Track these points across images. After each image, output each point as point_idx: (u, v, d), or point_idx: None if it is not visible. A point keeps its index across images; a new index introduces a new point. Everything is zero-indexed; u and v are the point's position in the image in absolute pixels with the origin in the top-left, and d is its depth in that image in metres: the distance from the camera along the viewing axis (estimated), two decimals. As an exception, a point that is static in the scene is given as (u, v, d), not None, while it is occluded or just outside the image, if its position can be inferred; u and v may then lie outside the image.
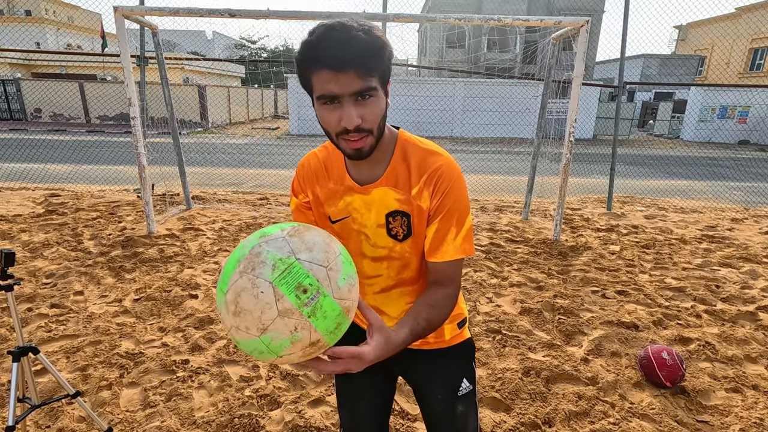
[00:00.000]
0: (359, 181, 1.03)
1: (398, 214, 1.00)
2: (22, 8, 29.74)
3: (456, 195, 0.97)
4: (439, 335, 1.15)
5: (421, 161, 0.98)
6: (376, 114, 0.88)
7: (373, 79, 0.84)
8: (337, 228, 1.08)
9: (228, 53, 39.03)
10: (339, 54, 0.80)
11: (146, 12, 4.46)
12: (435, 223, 0.98)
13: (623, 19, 6.02)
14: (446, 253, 0.98)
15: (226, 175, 8.70)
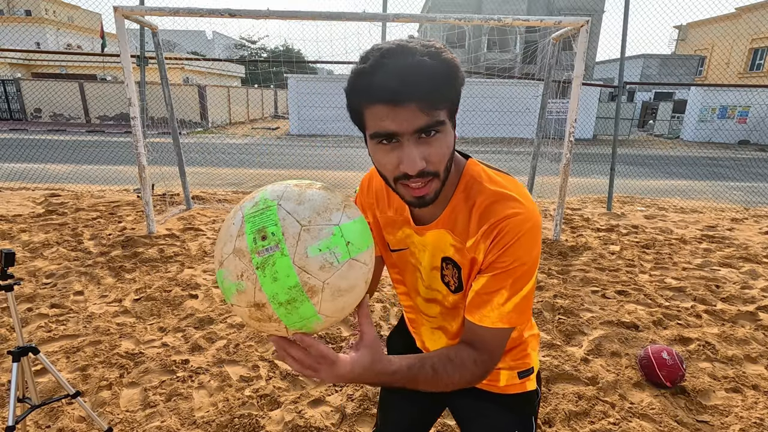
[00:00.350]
0: (416, 218, 0.91)
1: (450, 263, 0.87)
2: (22, 8, 29.74)
3: (518, 254, 0.78)
4: (492, 378, 1.01)
5: (485, 208, 0.80)
6: (444, 153, 0.73)
7: (440, 112, 0.69)
8: (395, 257, 0.98)
9: (228, 53, 39.04)
10: (397, 87, 0.66)
11: (146, 12, 4.46)
12: (484, 277, 0.81)
13: (623, 19, 6.02)
14: (486, 317, 0.81)
15: (226, 175, 8.70)
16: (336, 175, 8.97)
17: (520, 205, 0.79)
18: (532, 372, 1.04)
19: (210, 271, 3.76)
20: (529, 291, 0.80)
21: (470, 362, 0.81)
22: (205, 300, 3.26)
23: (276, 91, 30.51)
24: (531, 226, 0.78)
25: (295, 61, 9.03)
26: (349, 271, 0.67)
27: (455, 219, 0.84)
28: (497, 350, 0.84)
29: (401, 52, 0.67)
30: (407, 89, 0.66)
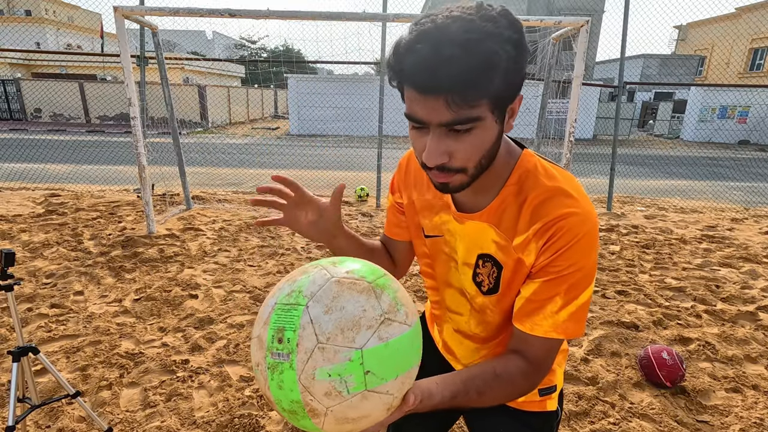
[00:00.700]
0: (457, 204, 0.83)
1: (490, 260, 0.79)
2: (22, 8, 29.74)
3: (575, 259, 0.70)
4: None
5: (539, 204, 0.73)
6: (475, 150, 0.67)
7: (475, 108, 0.62)
8: (428, 244, 0.92)
9: (228, 53, 39.04)
10: (423, 77, 0.61)
11: (146, 12, 4.46)
12: (535, 283, 0.74)
13: (623, 19, 6.02)
14: (539, 326, 0.74)
15: (226, 175, 8.70)
16: (336, 175, 8.97)
17: (578, 203, 0.71)
18: (554, 390, 0.97)
19: (210, 271, 3.76)
20: (586, 300, 0.73)
21: (519, 376, 0.76)
22: (205, 300, 3.26)
23: (276, 91, 30.52)
24: (590, 228, 0.71)
25: (295, 61, 9.03)
26: (362, 403, 0.58)
27: (502, 213, 0.77)
28: (547, 362, 0.78)
29: (437, 37, 0.59)
30: (434, 83, 0.60)
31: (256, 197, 0.89)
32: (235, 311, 3.11)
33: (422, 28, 0.61)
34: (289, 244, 4.48)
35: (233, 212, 5.64)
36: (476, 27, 0.60)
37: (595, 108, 18.83)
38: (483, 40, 0.59)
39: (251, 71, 16.01)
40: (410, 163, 0.95)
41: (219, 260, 4.01)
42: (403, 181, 0.95)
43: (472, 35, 0.59)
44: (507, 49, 0.60)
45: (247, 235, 4.72)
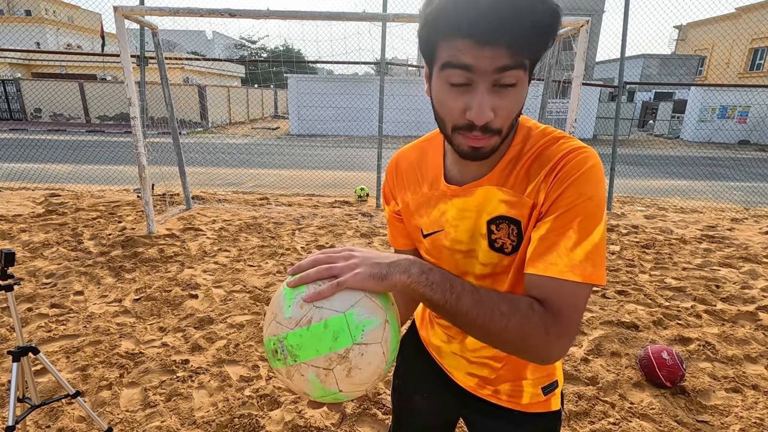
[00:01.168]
0: (459, 180, 0.80)
1: (504, 221, 0.75)
2: (22, 8, 29.75)
3: (583, 189, 0.67)
4: (514, 395, 0.90)
5: (543, 150, 0.73)
6: (514, 107, 0.66)
7: (527, 60, 0.62)
8: (427, 243, 0.88)
9: (228, 53, 39.06)
10: (491, 24, 0.57)
11: (146, 12, 4.46)
12: (547, 222, 0.68)
13: (623, 19, 6.02)
14: (553, 265, 0.66)
15: (226, 175, 8.70)
16: (336, 175, 8.97)
17: (578, 144, 0.71)
18: (557, 386, 0.92)
19: (210, 271, 3.76)
20: (600, 238, 0.66)
21: (526, 305, 0.65)
22: (205, 300, 3.26)
23: (276, 91, 30.53)
24: (595, 162, 0.69)
25: (295, 61, 9.02)
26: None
27: (509, 173, 0.75)
28: (569, 312, 0.65)
29: None
30: (502, 29, 0.57)
31: None
32: (235, 311, 3.11)
33: None
34: (289, 244, 4.48)
35: (233, 212, 5.64)
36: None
37: (595, 108, 18.84)
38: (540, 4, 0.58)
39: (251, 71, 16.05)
40: (399, 164, 0.93)
41: (219, 260, 4.01)
42: (395, 185, 0.92)
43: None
44: (561, 12, 0.61)
45: (247, 235, 4.72)
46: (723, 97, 19.19)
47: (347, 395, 0.68)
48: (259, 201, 6.36)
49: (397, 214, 0.95)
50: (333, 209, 6.03)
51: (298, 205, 6.23)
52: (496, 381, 0.91)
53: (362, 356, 0.64)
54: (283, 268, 3.87)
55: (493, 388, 0.92)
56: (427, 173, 0.86)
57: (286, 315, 0.66)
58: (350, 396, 0.69)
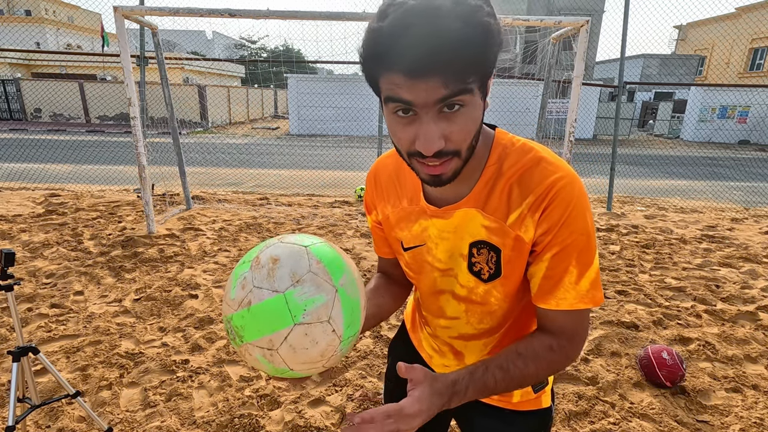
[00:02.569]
0: (438, 201, 0.79)
1: (485, 247, 0.76)
2: (22, 8, 29.74)
3: (576, 225, 0.69)
4: (504, 395, 0.92)
5: (524, 175, 0.71)
6: (468, 130, 0.64)
7: (468, 82, 0.59)
8: (408, 257, 0.87)
9: (228, 53, 39.05)
10: (419, 57, 0.56)
11: (146, 12, 4.46)
12: (545, 260, 0.72)
13: (623, 19, 6.02)
14: (564, 300, 0.72)
15: (226, 175, 8.70)
16: (336, 175, 8.97)
17: (560, 168, 0.70)
18: (546, 384, 0.93)
19: (210, 271, 3.76)
20: (597, 263, 0.73)
21: (545, 350, 0.74)
22: (205, 300, 3.26)
23: (276, 91, 30.53)
24: (579, 189, 0.70)
25: (295, 61, 9.04)
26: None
27: (488, 195, 0.74)
28: (581, 334, 0.76)
29: (426, 11, 0.55)
30: (431, 61, 0.56)
31: None
32: (235, 311, 3.11)
33: (404, 7, 0.56)
34: (289, 244, 4.47)
35: (233, 212, 5.64)
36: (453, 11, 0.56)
37: (595, 108, 18.84)
38: (475, 10, 0.57)
39: (251, 71, 16.05)
40: (378, 175, 0.90)
41: (219, 260, 4.01)
42: (376, 196, 0.91)
43: (465, 6, 0.56)
44: (495, 21, 0.59)
45: (247, 235, 4.72)
46: (723, 97, 19.19)
47: (302, 373, 0.68)
48: (259, 201, 6.36)
49: (378, 224, 0.93)
50: (333, 209, 6.03)
51: (298, 205, 6.23)
52: None
53: (306, 335, 0.63)
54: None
55: None
56: (406, 187, 0.84)
57: (231, 296, 0.66)
58: (307, 373, 0.69)
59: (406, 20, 0.56)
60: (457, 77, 0.58)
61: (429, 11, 0.55)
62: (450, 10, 0.56)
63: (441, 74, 0.57)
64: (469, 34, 0.56)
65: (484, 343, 0.89)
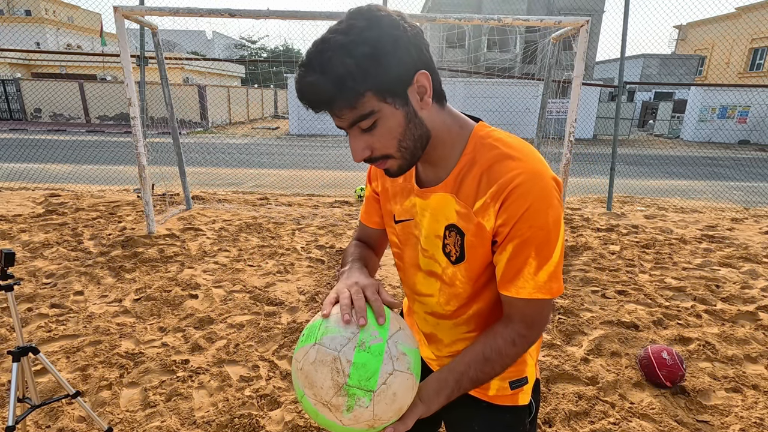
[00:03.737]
0: (421, 182, 0.88)
1: (454, 230, 0.82)
2: (22, 8, 29.74)
3: (534, 220, 0.73)
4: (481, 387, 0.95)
5: (489, 167, 0.77)
6: (388, 137, 0.73)
7: (360, 108, 0.69)
8: (398, 229, 0.95)
9: (228, 53, 39.05)
10: (305, 101, 0.71)
11: (146, 12, 4.46)
12: (508, 250, 0.77)
13: (623, 19, 6.02)
14: (522, 289, 0.78)
15: (226, 175, 8.70)
16: (336, 175, 8.97)
17: (524, 165, 0.74)
18: (525, 383, 0.96)
19: (210, 271, 3.76)
20: (560, 256, 0.77)
21: (508, 346, 0.81)
22: (205, 300, 3.26)
23: (276, 91, 30.53)
24: (541, 186, 0.73)
25: (295, 61, 9.02)
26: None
27: (461, 182, 0.80)
28: (540, 322, 0.82)
29: (307, 64, 0.68)
30: (312, 105, 0.70)
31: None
32: (235, 311, 3.11)
33: (304, 57, 0.70)
34: (289, 244, 4.48)
35: (233, 212, 5.64)
36: (330, 45, 0.67)
37: (595, 108, 18.84)
38: (333, 56, 0.66)
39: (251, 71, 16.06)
40: None
41: (219, 260, 4.01)
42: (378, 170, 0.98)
43: (325, 55, 0.67)
44: (361, 52, 0.66)
45: (247, 235, 4.72)
46: (723, 97, 19.18)
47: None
48: (259, 201, 6.36)
49: (377, 194, 1.01)
50: (333, 209, 6.03)
51: (298, 205, 6.23)
52: None
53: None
54: (283, 268, 3.87)
55: None
56: None
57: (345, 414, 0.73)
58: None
59: (300, 68, 0.70)
60: (343, 109, 0.69)
61: (309, 64, 0.68)
62: (315, 61, 0.68)
63: (330, 111, 0.71)
64: (325, 83, 0.67)
65: (454, 323, 0.94)
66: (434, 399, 0.81)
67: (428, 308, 0.96)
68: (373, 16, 0.68)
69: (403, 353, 0.73)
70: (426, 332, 1.01)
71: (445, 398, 0.82)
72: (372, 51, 0.66)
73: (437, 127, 0.78)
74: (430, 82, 0.73)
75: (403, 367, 0.72)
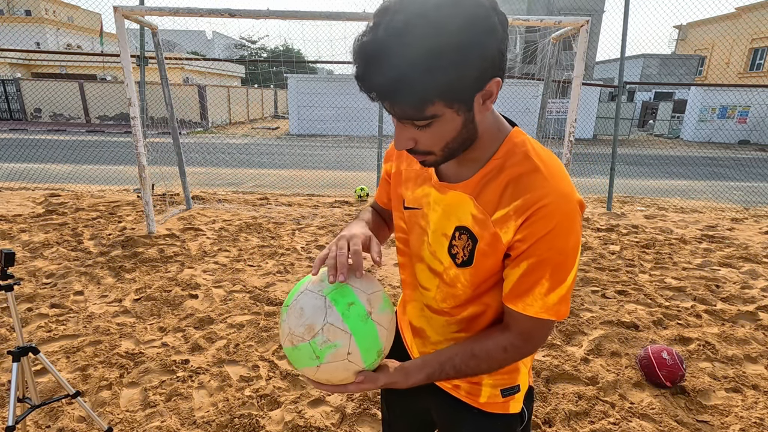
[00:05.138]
0: (442, 175, 0.84)
1: (465, 233, 0.79)
2: (22, 8, 29.74)
3: (553, 243, 0.71)
4: (472, 392, 0.95)
5: (519, 178, 0.73)
6: (437, 139, 0.70)
7: (423, 110, 0.64)
8: (406, 216, 0.92)
9: (228, 53, 39.05)
10: (363, 77, 0.63)
11: (146, 12, 4.46)
12: (521, 266, 0.74)
13: (623, 19, 6.02)
14: (530, 307, 0.76)
15: (226, 175, 8.70)
16: (336, 175, 8.97)
17: (555, 186, 0.71)
18: (517, 391, 0.94)
19: (210, 271, 3.76)
20: (572, 281, 0.75)
21: (499, 351, 0.80)
22: (205, 300, 3.26)
23: (276, 91, 30.52)
24: (567, 210, 0.71)
25: (295, 61, 9.05)
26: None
27: (484, 186, 0.77)
28: (538, 339, 0.80)
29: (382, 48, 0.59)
30: (371, 84, 0.63)
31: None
32: (235, 311, 3.11)
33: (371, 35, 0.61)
34: (289, 244, 4.48)
35: (233, 212, 5.64)
36: (414, 37, 0.58)
37: (595, 108, 18.83)
38: (414, 54, 0.58)
39: (251, 71, 16.05)
40: None
41: (219, 260, 4.01)
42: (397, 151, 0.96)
43: (406, 49, 0.58)
44: (448, 60, 0.59)
45: (247, 235, 4.72)
46: (723, 97, 19.18)
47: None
48: (259, 201, 6.36)
49: (389, 176, 1.00)
50: (333, 209, 6.03)
51: (298, 205, 6.23)
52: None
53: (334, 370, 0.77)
54: (283, 268, 3.87)
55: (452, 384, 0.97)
56: None
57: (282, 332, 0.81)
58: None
59: (362, 36, 0.62)
60: (407, 109, 0.64)
61: (375, 45, 0.60)
62: (396, 51, 0.59)
63: (391, 104, 0.65)
64: (397, 82, 0.60)
65: (446, 320, 0.92)
66: (415, 373, 0.82)
67: (425, 299, 0.94)
68: (469, 14, 0.60)
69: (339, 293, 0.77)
70: (416, 326, 1.00)
71: (426, 376, 0.82)
72: (457, 59, 0.60)
73: (485, 129, 0.75)
74: (499, 88, 0.68)
75: (316, 289, 0.78)
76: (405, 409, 1.15)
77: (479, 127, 0.73)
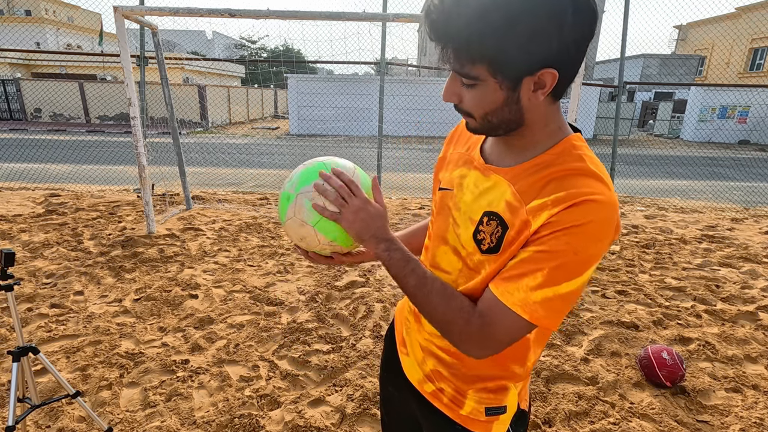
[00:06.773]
0: (487, 157, 0.82)
1: (495, 219, 0.75)
2: (22, 8, 29.75)
3: (576, 241, 0.66)
4: (455, 401, 0.90)
5: (566, 176, 0.70)
6: (476, 104, 0.70)
7: (470, 67, 0.66)
8: (438, 196, 0.91)
9: (228, 53, 39.07)
10: (429, 19, 0.65)
11: (146, 12, 4.45)
12: (528, 250, 0.70)
13: (623, 19, 6.02)
14: (509, 295, 0.70)
15: (226, 175, 8.70)
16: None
17: (605, 190, 0.67)
18: (503, 412, 0.88)
19: (210, 271, 3.76)
20: (568, 292, 0.67)
21: (464, 315, 0.74)
22: (205, 300, 3.26)
23: (276, 91, 30.52)
24: (605, 216, 0.66)
25: (295, 61, 9.05)
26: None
27: (526, 177, 0.73)
28: (501, 335, 0.71)
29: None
30: (434, 27, 0.65)
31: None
32: (235, 311, 3.11)
33: None
34: (289, 244, 4.48)
35: (233, 212, 5.64)
36: None
37: (595, 108, 18.84)
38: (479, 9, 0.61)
39: (251, 71, 16.08)
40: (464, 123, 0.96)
41: (219, 260, 4.01)
42: (452, 135, 0.97)
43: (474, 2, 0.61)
44: (508, 26, 0.61)
45: (247, 235, 4.72)
46: (723, 97, 19.19)
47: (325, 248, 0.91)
48: (259, 201, 6.36)
49: (440, 159, 1.00)
50: (333, 209, 6.01)
51: (298, 205, 6.21)
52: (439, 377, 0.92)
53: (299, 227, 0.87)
54: (283, 268, 3.87)
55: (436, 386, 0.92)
56: (474, 138, 0.89)
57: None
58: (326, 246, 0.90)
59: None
60: (454, 61, 0.67)
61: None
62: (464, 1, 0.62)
63: (444, 44, 0.66)
64: (449, 30, 0.64)
65: None
66: (396, 253, 0.79)
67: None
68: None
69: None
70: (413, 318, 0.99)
71: (402, 262, 0.78)
72: (504, 29, 0.61)
73: (535, 120, 0.73)
74: (554, 81, 0.66)
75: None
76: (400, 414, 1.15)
77: (526, 115, 0.71)
